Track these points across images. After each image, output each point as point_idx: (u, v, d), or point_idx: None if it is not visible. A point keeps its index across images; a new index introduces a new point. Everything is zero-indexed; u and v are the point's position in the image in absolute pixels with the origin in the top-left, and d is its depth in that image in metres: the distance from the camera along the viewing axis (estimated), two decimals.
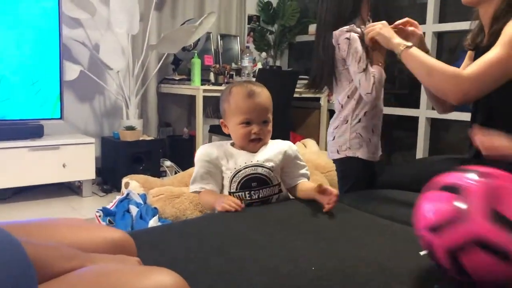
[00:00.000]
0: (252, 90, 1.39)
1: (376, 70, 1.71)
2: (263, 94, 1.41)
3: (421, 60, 1.47)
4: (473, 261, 0.79)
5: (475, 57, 1.55)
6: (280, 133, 1.55)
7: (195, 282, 0.70)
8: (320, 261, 0.95)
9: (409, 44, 1.53)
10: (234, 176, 1.39)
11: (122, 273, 0.61)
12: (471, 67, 1.37)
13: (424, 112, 3.36)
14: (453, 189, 0.84)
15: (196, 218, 1.30)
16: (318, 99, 3.95)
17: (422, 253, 0.97)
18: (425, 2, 3.35)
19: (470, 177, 0.84)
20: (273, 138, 1.51)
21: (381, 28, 1.62)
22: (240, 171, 1.39)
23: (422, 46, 1.62)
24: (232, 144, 1.48)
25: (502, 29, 1.38)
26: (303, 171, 1.51)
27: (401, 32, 1.65)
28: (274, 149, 1.46)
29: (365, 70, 1.69)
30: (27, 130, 2.95)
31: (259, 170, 1.40)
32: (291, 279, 0.88)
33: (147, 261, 0.91)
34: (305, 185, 1.48)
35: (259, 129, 1.40)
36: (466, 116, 1.87)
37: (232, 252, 0.98)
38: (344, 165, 1.81)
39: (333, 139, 1.85)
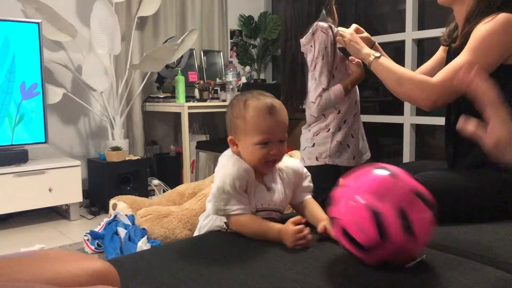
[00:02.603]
0: (272, 105, 1.20)
1: (334, 88, 1.74)
2: (283, 110, 1.22)
3: (390, 70, 1.52)
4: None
5: (447, 57, 1.63)
6: None
7: None
8: (305, 280, 0.94)
9: (377, 54, 1.59)
10: None
11: None
12: (439, 74, 1.42)
13: (408, 119, 3.39)
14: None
15: (182, 241, 1.29)
16: (303, 110, 3.95)
17: (407, 265, 0.97)
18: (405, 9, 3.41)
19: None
20: None
21: (350, 40, 1.68)
22: (256, 213, 1.24)
23: (374, 47, 1.76)
24: None
25: (472, 31, 1.42)
26: (307, 183, 1.36)
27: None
28: (286, 185, 1.30)
29: (317, 79, 1.72)
30: (12, 156, 2.92)
31: (273, 215, 1.27)
32: None
33: None
34: (314, 210, 1.30)
35: (277, 150, 1.21)
36: None
37: (217, 275, 0.98)
38: (323, 173, 1.82)
39: (313, 145, 1.86)
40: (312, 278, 0.95)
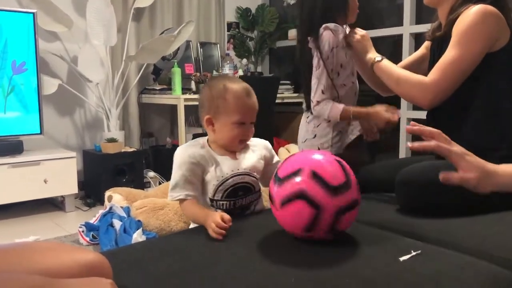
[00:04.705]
0: (249, 89, 1.33)
1: (334, 106, 1.74)
2: (254, 94, 1.35)
3: (390, 72, 1.65)
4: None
5: (431, 46, 1.72)
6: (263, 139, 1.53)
7: None
8: (299, 273, 0.94)
9: (379, 58, 1.69)
10: (220, 185, 1.32)
11: None
12: (431, 73, 1.50)
13: (405, 113, 3.38)
14: None
15: (176, 233, 1.29)
16: (300, 103, 3.96)
17: (401, 258, 0.97)
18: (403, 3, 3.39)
19: None
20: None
21: (359, 41, 1.77)
22: (228, 179, 1.32)
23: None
24: (209, 145, 1.39)
25: (456, 19, 1.49)
26: (276, 160, 1.48)
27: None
28: (256, 155, 1.41)
29: (318, 78, 1.75)
30: (6, 147, 2.90)
31: (247, 178, 1.35)
32: None
33: (126, 280, 0.90)
34: None
35: (248, 131, 1.34)
36: None
37: (212, 268, 0.97)
38: None
39: (314, 137, 1.84)
40: (306, 271, 0.95)
